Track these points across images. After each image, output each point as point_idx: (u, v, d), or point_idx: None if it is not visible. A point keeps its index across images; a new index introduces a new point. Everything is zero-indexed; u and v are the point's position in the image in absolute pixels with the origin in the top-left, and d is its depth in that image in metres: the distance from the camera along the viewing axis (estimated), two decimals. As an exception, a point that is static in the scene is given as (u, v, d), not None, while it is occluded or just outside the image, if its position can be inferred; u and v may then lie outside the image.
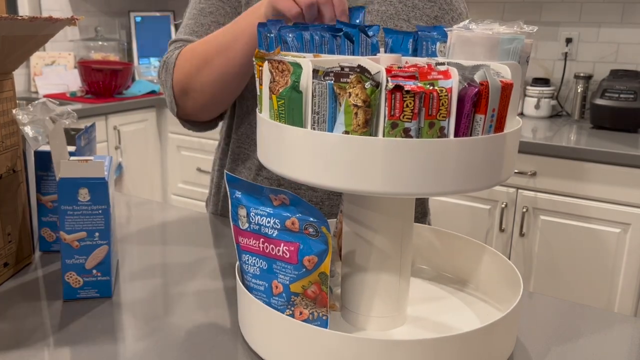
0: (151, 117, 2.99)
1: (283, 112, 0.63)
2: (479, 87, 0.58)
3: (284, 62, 0.62)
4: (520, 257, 2.18)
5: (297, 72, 0.61)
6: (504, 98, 0.60)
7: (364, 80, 0.57)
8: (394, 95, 0.56)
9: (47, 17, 0.77)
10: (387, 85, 0.56)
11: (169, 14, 3.41)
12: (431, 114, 0.57)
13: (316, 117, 0.60)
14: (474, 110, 0.59)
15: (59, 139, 0.76)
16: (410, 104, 0.56)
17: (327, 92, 0.59)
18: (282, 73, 0.62)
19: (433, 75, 0.58)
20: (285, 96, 0.62)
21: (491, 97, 0.59)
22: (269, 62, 0.63)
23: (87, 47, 3.18)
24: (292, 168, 0.63)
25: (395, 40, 0.77)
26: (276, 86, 0.62)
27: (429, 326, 0.74)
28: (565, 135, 2.20)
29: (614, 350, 0.71)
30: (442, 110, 0.57)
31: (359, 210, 0.69)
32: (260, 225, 0.67)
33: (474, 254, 0.83)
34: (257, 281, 0.69)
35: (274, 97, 0.63)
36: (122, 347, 0.68)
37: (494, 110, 0.60)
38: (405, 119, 0.57)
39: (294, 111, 0.62)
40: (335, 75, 0.59)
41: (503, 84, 0.59)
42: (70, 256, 0.76)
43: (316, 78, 0.60)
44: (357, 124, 0.58)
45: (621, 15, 2.44)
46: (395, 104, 0.56)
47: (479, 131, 0.60)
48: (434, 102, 0.57)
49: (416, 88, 0.56)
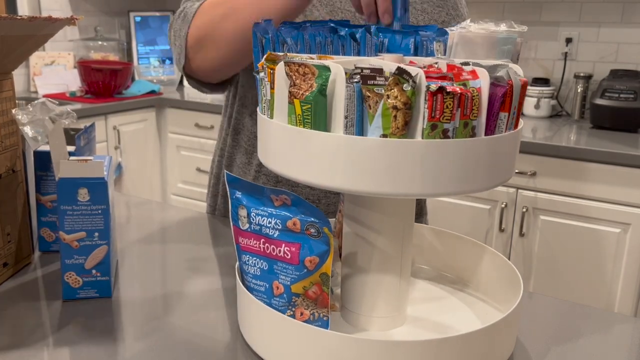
0: (151, 117, 2.99)
1: (308, 117, 0.60)
2: (507, 87, 0.59)
3: (307, 65, 0.59)
4: (520, 257, 2.18)
5: (324, 75, 0.58)
6: (522, 96, 0.62)
7: (402, 82, 0.56)
8: (436, 97, 0.56)
9: (46, 16, 0.77)
10: (430, 87, 0.56)
11: (169, 14, 3.41)
12: (466, 114, 0.58)
13: (346, 121, 0.58)
14: (499, 108, 0.61)
15: (58, 139, 0.75)
16: (450, 105, 0.56)
17: (354, 95, 0.58)
18: (304, 76, 0.59)
19: (464, 76, 0.59)
20: (311, 100, 0.59)
21: (514, 96, 0.60)
22: (287, 65, 0.60)
23: (86, 47, 3.18)
24: (323, 175, 0.60)
25: (392, 40, 0.77)
26: (299, 90, 0.60)
27: (429, 326, 0.73)
28: (565, 135, 2.20)
29: (614, 350, 0.71)
30: (475, 110, 0.58)
31: (360, 211, 0.69)
32: (261, 225, 0.67)
33: (474, 254, 0.83)
34: (257, 282, 0.68)
35: (297, 101, 0.60)
36: (121, 347, 0.68)
37: (515, 108, 0.62)
38: (444, 119, 0.57)
39: (319, 116, 0.60)
40: (362, 78, 0.58)
41: (522, 82, 0.61)
42: (70, 256, 0.76)
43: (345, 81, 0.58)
44: (396, 126, 0.57)
45: (621, 15, 2.44)
46: (436, 105, 0.56)
47: (502, 129, 0.61)
48: (469, 102, 0.58)
49: (457, 89, 0.57)
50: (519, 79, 0.61)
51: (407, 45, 0.76)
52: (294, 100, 0.60)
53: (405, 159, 0.57)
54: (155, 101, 2.97)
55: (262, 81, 0.67)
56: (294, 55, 0.66)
